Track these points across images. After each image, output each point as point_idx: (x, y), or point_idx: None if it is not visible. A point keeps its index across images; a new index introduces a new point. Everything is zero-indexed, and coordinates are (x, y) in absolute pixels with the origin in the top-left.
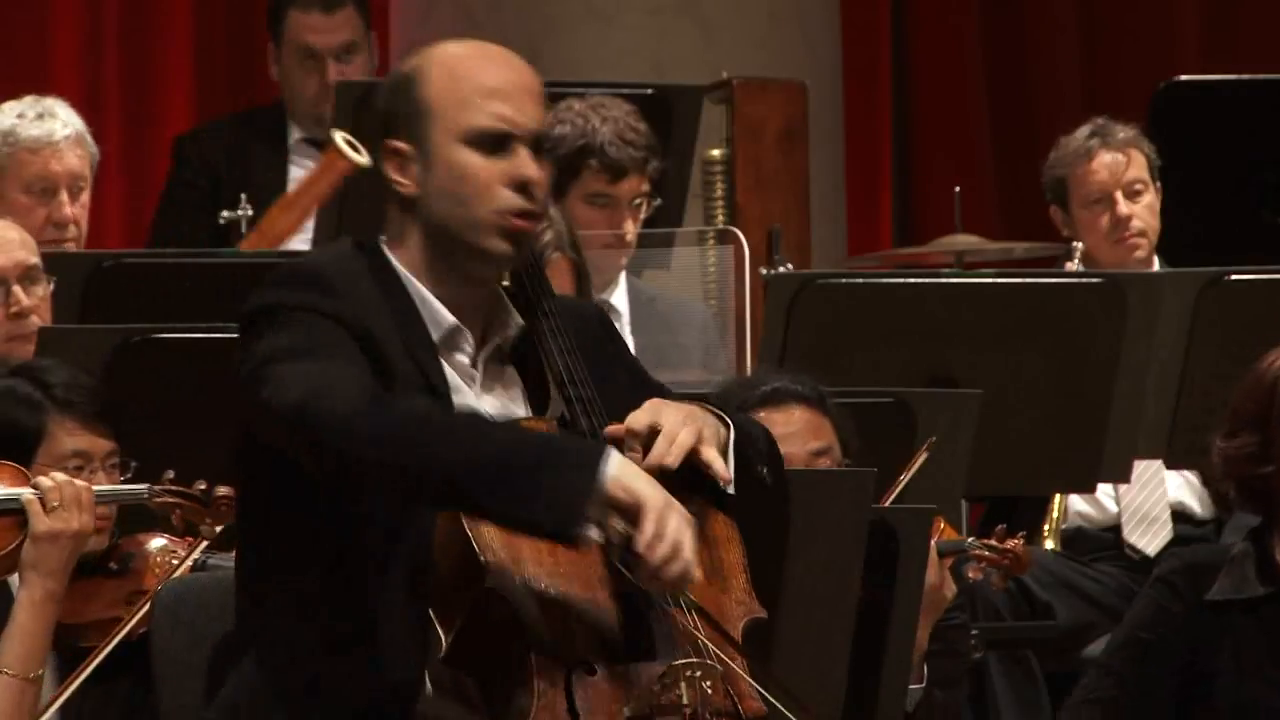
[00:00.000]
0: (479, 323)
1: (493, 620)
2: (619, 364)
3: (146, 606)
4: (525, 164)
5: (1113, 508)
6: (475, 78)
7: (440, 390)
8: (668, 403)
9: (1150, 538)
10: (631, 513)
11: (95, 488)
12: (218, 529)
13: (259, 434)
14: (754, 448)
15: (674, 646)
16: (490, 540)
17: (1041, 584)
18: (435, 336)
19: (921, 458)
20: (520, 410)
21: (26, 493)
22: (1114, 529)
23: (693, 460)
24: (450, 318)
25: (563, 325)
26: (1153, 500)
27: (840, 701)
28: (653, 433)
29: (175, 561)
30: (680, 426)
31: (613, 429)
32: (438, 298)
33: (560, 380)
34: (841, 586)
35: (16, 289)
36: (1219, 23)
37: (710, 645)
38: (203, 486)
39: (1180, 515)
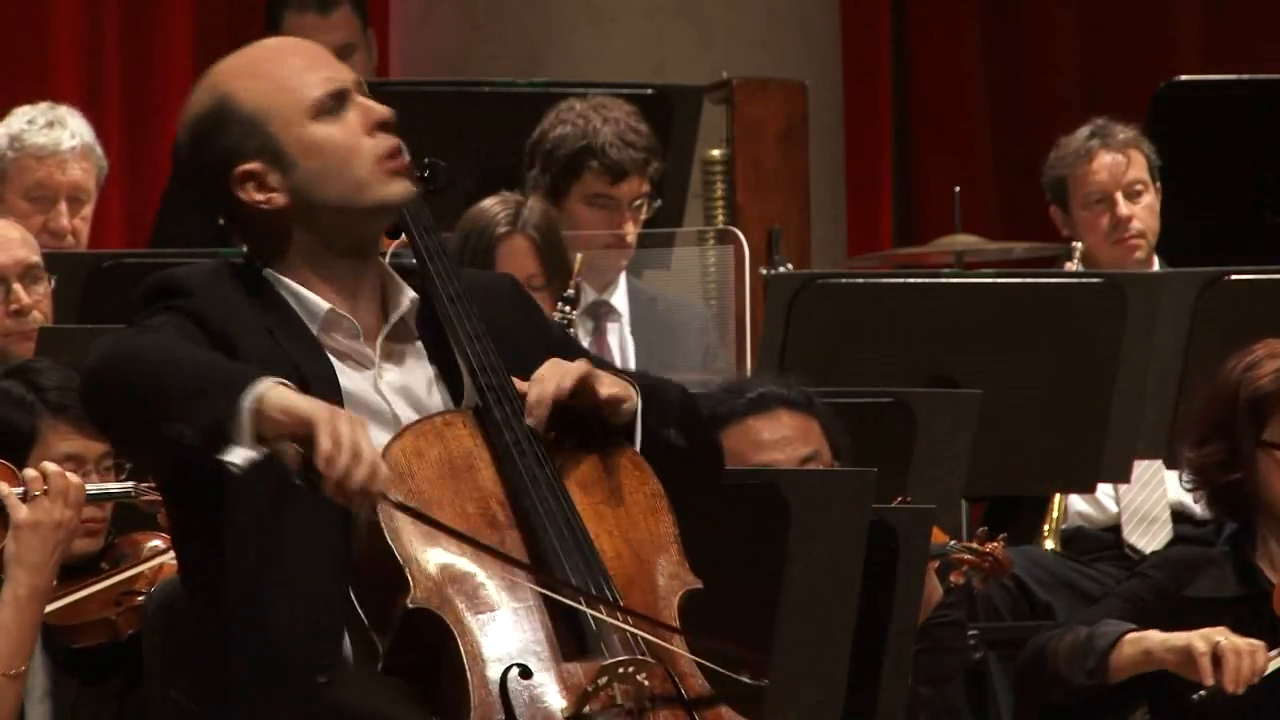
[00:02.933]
0: (374, 305)
1: (424, 632)
2: (536, 336)
3: (136, 602)
4: (369, 108)
5: (1113, 508)
6: (280, 64)
7: (317, 375)
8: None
9: (1150, 538)
10: (301, 433)
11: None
12: None
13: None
14: (663, 411)
15: (608, 642)
16: (414, 553)
17: (1041, 584)
18: (314, 328)
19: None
20: (433, 394)
21: (3, 487)
22: (1114, 529)
23: (589, 404)
24: (323, 304)
25: (470, 309)
26: (1153, 500)
27: (840, 703)
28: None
29: (165, 559)
30: (571, 365)
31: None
32: (318, 292)
33: (472, 369)
34: (841, 586)
35: (17, 287)
36: (1219, 23)
37: (641, 635)
38: None
39: (1180, 515)
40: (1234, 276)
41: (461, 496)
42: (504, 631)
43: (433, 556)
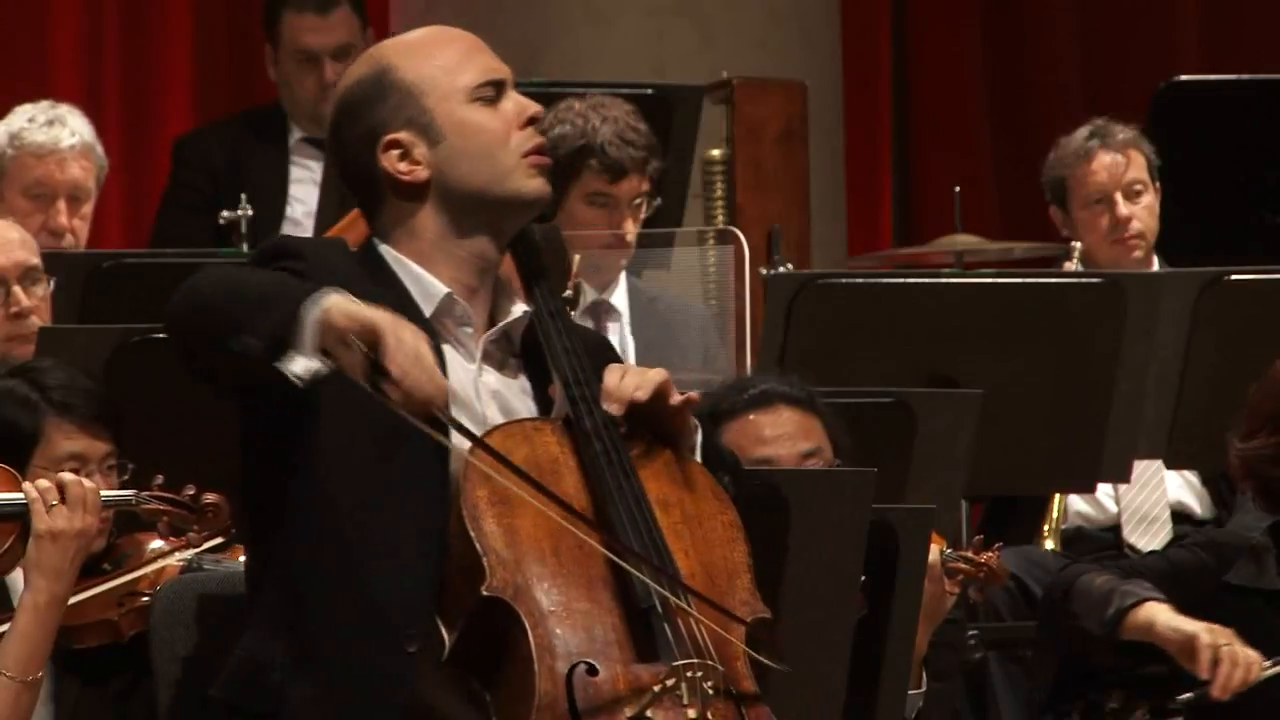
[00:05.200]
0: (485, 307)
1: (495, 622)
2: None
3: (138, 604)
4: (524, 103)
5: (1113, 508)
6: (445, 48)
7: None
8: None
9: (1150, 538)
10: (366, 338)
11: None
12: (204, 534)
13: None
14: (719, 453)
15: (676, 647)
16: (493, 542)
17: (1041, 584)
18: (428, 311)
19: None
20: (526, 406)
21: (31, 492)
22: (1114, 529)
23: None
24: (441, 287)
25: (569, 326)
26: (1153, 500)
27: (840, 703)
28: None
29: (169, 561)
30: (640, 372)
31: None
32: (436, 276)
33: (565, 380)
34: (841, 586)
35: (16, 289)
36: (1219, 23)
37: (710, 641)
38: (191, 492)
39: (1180, 515)
40: (1234, 276)
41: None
42: (574, 629)
43: (511, 549)
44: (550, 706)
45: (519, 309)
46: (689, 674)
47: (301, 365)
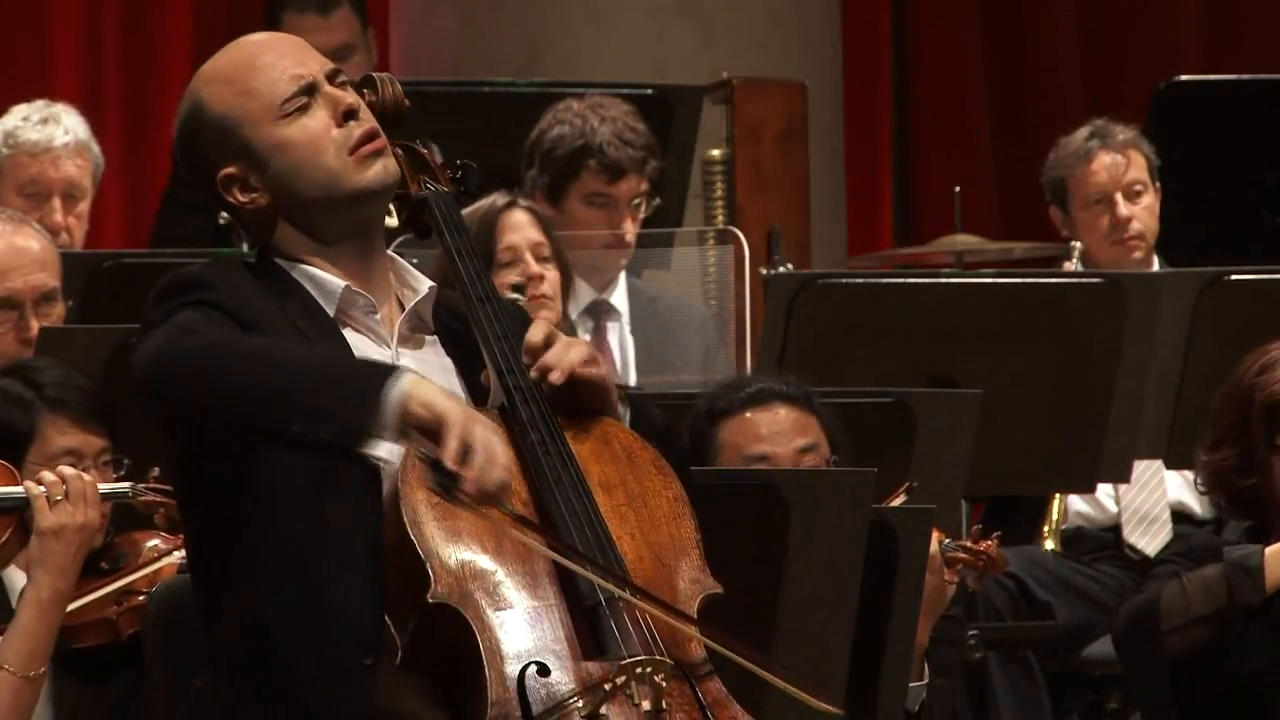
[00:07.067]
0: (388, 293)
1: (443, 627)
2: None
3: (136, 602)
4: (336, 98)
5: (1113, 508)
6: (247, 68)
7: None
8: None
9: (1150, 538)
10: (433, 430)
11: None
12: None
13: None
14: (649, 424)
15: (626, 641)
16: (436, 548)
17: (1041, 584)
18: (331, 310)
19: (900, 499)
20: (451, 384)
21: (33, 488)
22: (1114, 529)
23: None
24: (339, 282)
25: (498, 310)
26: (1153, 500)
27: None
28: (547, 343)
29: (168, 560)
30: (571, 344)
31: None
32: (331, 275)
33: (499, 369)
34: (841, 586)
35: (30, 316)
36: (1219, 23)
37: (660, 634)
38: None
39: (1180, 515)
40: (1234, 276)
41: None
42: (523, 629)
43: (454, 552)
44: (504, 710)
45: (424, 286)
46: (638, 670)
47: (387, 449)
